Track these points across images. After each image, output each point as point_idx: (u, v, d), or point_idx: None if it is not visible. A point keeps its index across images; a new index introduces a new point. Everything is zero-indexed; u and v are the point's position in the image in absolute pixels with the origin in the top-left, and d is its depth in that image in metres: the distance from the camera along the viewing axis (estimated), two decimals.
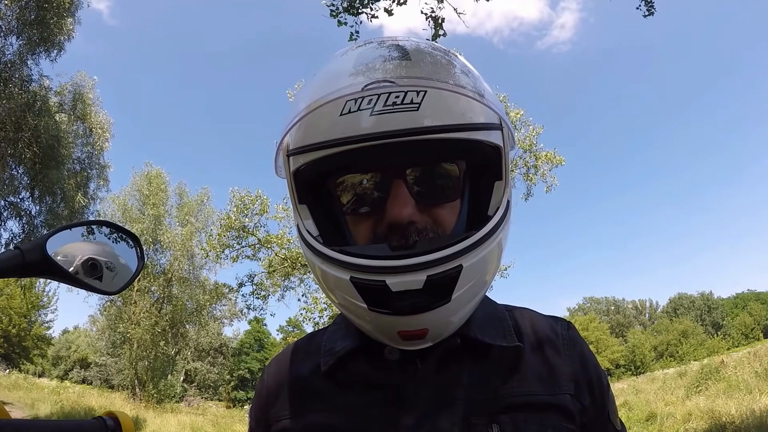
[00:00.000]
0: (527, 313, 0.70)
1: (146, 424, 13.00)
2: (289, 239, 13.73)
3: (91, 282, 0.62)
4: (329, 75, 0.59)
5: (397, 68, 0.55)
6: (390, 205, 0.55)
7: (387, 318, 0.54)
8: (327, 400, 0.63)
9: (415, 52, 0.58)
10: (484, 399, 0.58)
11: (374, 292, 0.53)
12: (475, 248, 0.53)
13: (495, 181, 0.60)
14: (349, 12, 5.61)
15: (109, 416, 0.53)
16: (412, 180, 0.56)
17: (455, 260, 0.52)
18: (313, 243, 0.58)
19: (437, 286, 0.52)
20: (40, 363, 38.04)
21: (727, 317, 51.52)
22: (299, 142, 0.56)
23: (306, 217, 0.61)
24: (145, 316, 20.48)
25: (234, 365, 41.64)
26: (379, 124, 0.51)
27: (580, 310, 56.21)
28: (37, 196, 11.65)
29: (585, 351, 0.67)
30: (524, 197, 12.85)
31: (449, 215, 0.58)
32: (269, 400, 0.68)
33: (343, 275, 0.54)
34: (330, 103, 0.53)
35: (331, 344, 0.66)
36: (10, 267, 0.55)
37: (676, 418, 7.95)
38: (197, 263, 21.75)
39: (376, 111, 0.51)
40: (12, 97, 10.22)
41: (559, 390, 0.61)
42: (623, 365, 43.08)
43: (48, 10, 10.41)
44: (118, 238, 0.69)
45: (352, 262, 0.53)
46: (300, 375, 0.67)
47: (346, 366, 0.63)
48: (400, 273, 0.51)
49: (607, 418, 0.65)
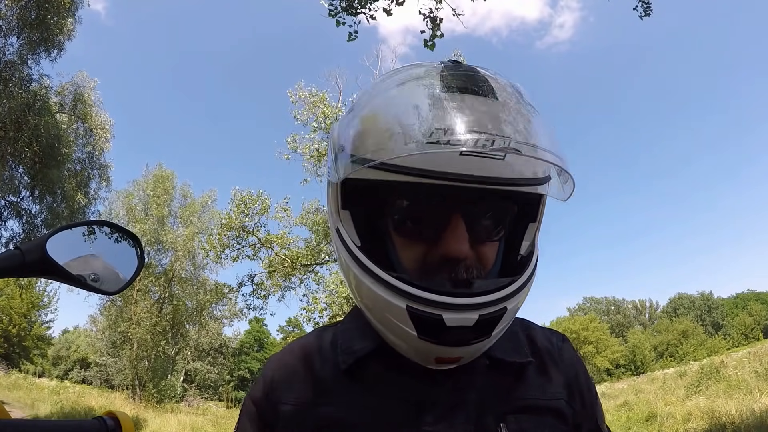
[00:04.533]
0: (529, 325, 0.76)
1: (146, 424, 12.99)
2: (290, 239, 13.74)
3: (91, 282, 0.63)
4: (423, 102, 0.55)
5: (486, 113, 0.53)
6: (449, 239, 0.57)
7: (432, 346, 0.56)
8: (341, 396, 0.64)
9: (503, 95, 0.56)
10: (495, 402, 0.63)
11: (428, 323, 0.54)
12: (518, 292, 0.58)
13: (529, 223, 0.65)
14: (347, 12, 5.61)
15: (109, 416, 0.53)
16: (469, 218, 0.58)
17: (503, 303, 0.56)
18: (364, 260, 0.58)
19: (485, 324, 0.55)
20: (40, 363, 38.05)
21: (727, 317, 51.52)
22: (380, 156, 0.54)
23: (347, 224, 0.62)
24: (146, 316, 20.50)
25: (234, 365, 41.66)
26: (467, 167, 0.53)
27: (580, 310, 56.20)
28: (37, 195, 11.65)
29: (576, 362, 0.73)
30: None
31: (491, 253, 0.62)
32: (274, 387, 0.69)
33: (399, 303, 0.55)
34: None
35: (349, 343, 0.67)
36: (10, 267, 0.55)
37: (676, 418, 7.95)
38: (198, 263, 21.80)
39: (465, 152, 0.51)
40: (12, 96, 10.22)
41: (554, 395, 0.67)
42: (623, 365, 43.06)
43: (48, 10, 10.42)
44: (119, 238, 0.69)
45: (412, 292, 0.55)
46: (311, 370, 0.68)
47: (365, 366, 0.65)
48: (459, 311, 0.54)
49: (596, 425, 0.71)
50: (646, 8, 5.86)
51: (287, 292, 14.26)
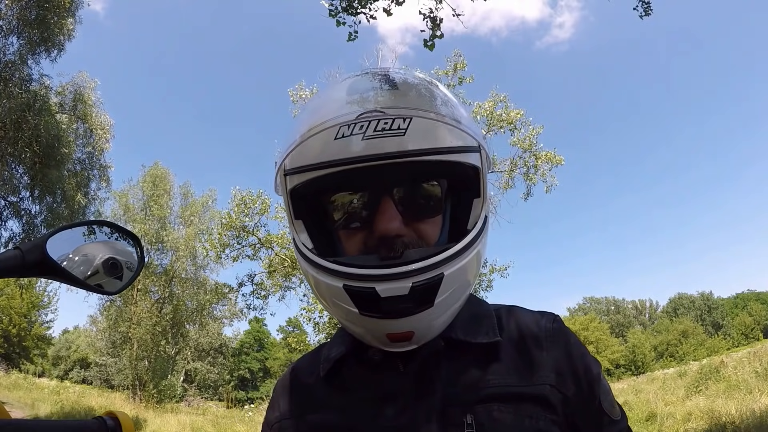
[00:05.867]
0: (514, 310, 0.74)
1: (146, 424, 12.97)
2: (289, 239, 13.71)
3: (91, 282, 0.63)
4: (325, 102, 0.66)
5: (386, 98, 0.61)
6: (378, 220, 0.60)
7: (376, 321, 0.59)
8: (324, 402, 0.68)
9: (403, 84, 0.65)
10: (461, 391, 0.62)
11: (365, 297, 0.58)
12: (455, 258, 0.59)
13: (474, 199, 0.65)
14: (347, 12, 5.60)
15: (109, 416, 0.54)
16: (399, 198, 0.61)
17: (437, 269, 0.58)
18: (308, 254, 0.63)
19: (421, 292, 0.57)
20: (40, 363, 38.02)
21: (727, 317, 51.49)
22: (296, 163, 0.62)
23: (301, 231, 0.66)
24: (146, 316, 20.48)
25: (234, 365, 41.63)
26: (369, 148, 0.57)
27: (580, 310, 56.20)
28: (37, 195, 11.62)
29: (571, 341, 0.69)
30: (524, 197, 12.87)
31: (432, 230, 0.64)
32: (276, 406, 0.75)
33: (337, 283, 0.59)
34: (327, 129, 0.59)
35: (328, 352, 0.72)
36: (9, 267, 0.55)
37: (676, 418, 7.94)
38: (199, 263, 21.77)
39: (367, 136, 0.57)
40: (12, 96, 10.21)
41: (537, 380, 0.64)
42: (623, 365, 43.03)
43: (48, 10, 10.41)
44: (119, 239, 0.69)
45: (345, 270, 0.59)
46: (303, 382, 0.74)
47: (340, 369, 0.69)
48: (388, 280, 0.57)
49: (599, 408, 0.66)
50: (646, 8, 5.84)
51: (287, 292, 14.26)
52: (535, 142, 12.40)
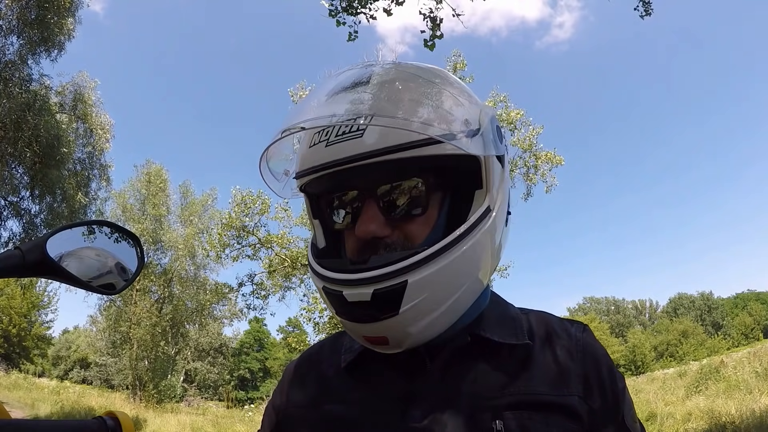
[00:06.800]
0: (543, 315, 0.71)
1: (146, 424, 12.96)
2: (289, 239, 13.72)
3: (91, 282, 0.63)
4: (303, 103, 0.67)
5: (354, 99, 0.60)
6: (358, 223, 0.60)
7: (348, 324, 0.60)
8: (343, 394, 0.66)
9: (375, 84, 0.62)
10: (490, 395, 0.60)
11: (336, 300, 0.59)
12: (422, 265, 0.55)
13: (476, 190, 0.62)
14: (347, 12, 5.60)
15: (109, 416, 0.53)
16: (381, 198, 0.60)
17: (400, 276, 0.55)
18: (308, 253, 0.67)
19: (383, 299, 0.55)
20: (40, 363, 38.02)
21: (727, 317, 51.46)
22: (297, 167, 0.66)
23: (318, 231, 0.68)
24: (146, 316, 20.46)
25: (234, 365, 41.61)
26: (331, 154, 0.58)
27: (580, 310, 56.15)
28: (37, 195, 11.62)
29: (599, 354, 0.66)
30: (524, 197, 12.87)
31: (419, 229, 0.61)
32: (287, 391, 0.74)
33: (319, 284, 0.61)
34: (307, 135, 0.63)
35: (351, 342, 0.70)
36: (9, 267, 0.55)
37: (676, 418, 7.94)
38: (199, 263, 21.74)
39: (330, 142, 0.59)
40: (12, 96, 10.20)
41: (567, 391, 0.61)
42: (623, 365, 43.01)
43: (48, 10, 10.40)
44: (119, 238, 0.69)
45: (321, 273, 0.60)
46: (322, 369, 0.72)
47: (363, 363, 0.67)
48: (350, 286, 0.56)
49: (622, 422, 0.64)
50: (646, 8, 5.84)
51: (287, 292, 14.26)
52: (535, 142, 12.41)
